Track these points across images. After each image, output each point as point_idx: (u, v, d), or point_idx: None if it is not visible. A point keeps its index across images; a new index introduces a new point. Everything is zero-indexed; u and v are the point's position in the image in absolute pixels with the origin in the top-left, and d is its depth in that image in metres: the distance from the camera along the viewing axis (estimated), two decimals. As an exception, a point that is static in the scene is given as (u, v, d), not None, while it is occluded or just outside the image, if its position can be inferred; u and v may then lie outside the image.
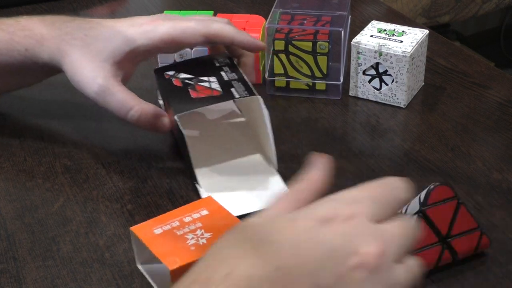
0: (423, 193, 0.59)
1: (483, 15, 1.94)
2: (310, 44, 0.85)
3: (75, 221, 0.68)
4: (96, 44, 0.73)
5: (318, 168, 0.50)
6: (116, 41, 0.73)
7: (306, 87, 0.88)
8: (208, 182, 0.70)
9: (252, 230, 0.45)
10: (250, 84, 0.72)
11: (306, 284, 0.43)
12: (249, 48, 0.77)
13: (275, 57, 0.86)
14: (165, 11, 0.94)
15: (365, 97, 0.87)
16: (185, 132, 0.69)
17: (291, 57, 0.86)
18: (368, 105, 0.86)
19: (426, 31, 0.86)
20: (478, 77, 0.91)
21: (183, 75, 0.75)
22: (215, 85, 0.72)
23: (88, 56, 0.73)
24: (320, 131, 0.81)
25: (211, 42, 0.76)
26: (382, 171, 0.74)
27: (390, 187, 0.48)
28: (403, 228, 0.47)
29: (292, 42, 0.85)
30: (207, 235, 0.55)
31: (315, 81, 0.87)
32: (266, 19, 0.88)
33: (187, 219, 0.57)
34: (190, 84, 0.74)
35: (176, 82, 0.74)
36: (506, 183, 0.72)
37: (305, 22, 0.88)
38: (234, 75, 0.74)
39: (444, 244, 0.60)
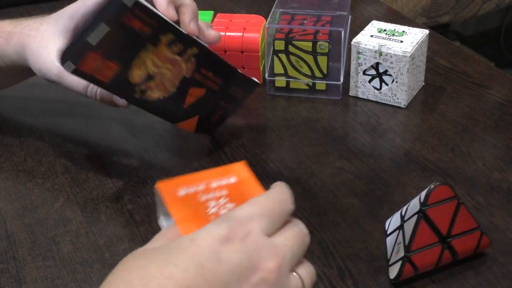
0: (423, 193, 0.59)
1: (483, 15, 1.94)
2: (310, 44, 0.85)
3: (75, 221, 0.68)
4: (49, 29, 0.74)
5: None
6: (62, 20, 0.74)
7: (306, 87, 0.88)
8: None
9: (149, 256, 0.46)
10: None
11: None
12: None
13: (275, 57, 0.86)
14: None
15: (365, 97, 0.87)
16: None
17: (291, 57, 0.86)
18: (368, 105, 0.86)
19: (426, 31, 0.86)
20: (478, 77, 0.91)
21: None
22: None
23: (43, 43, 0.74)
24: (320, 131, 0.81)
25: None
26: (382, 171, 0.74)
27: (278, 200, 0.49)
28: (295, 239, 0.49)
29: (292, 42, 0.85)
30: (230, 205, 0.53)
31: (315, 81, 0.87)
32: (266, 19, 0.88)
33: (213, 185, 0.53)
34: None
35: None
36: (506, 183, 0.72)
37: (305, 22, 0.88)
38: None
39: (444, 244, 0.60)
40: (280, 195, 0.50)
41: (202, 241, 0.46)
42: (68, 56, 0.65)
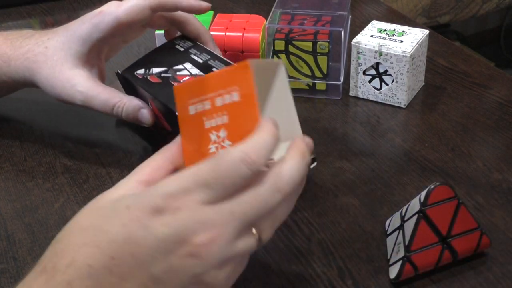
0: (423, 193, 0.59)
1: (483, 15, 1.94)
2: (310, 44, 0.85)
3: (75, 221, 0.68)
4: (58, 54, 0.74)
5: (175, 141, 0.54)
6: (74, 45, 0.74)
7: (306, 87, 0.88)
8: None
9: (94, 214, 0.48)
10: (226, 59, 0.72)
11: (140, 274, 0.46)
12: (193, 10, 0.76)
13: (275, 57, 0.86)
14: (165, 11, 0.93)
15: (365, 97, 0.87)
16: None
17: (291, 57, 0.86)
18: (368, 105, 0.86)
19: (426, 31, 0.86)
20: (478, 77, 0.91)
21: (156, 70, 0.75)
22: (195, 70, 0.72)
23: (57, 68, 0.74)
24: (320, 131, 0.81)
25: (158, 12, 0.76)
26: (382, 171, 0.74)
27: (226, 169, 0.47)
28: (249, 203, 0.48)
29: (292, 42, 0.85)
30: (227, 143, 0.52)
31: (315, 81, 0.87)
32: (266, 19, 0.88)
33: (218, 103, 0.52)
34: (168, 77, 0.73)
35: (153, 79, 0.74)
36: (506, 183, 0.72)
37: (305, 22, 0.88)
38: (206, 55, 0.74)
39: (444, 244, 0.60)
40: (229, 163, 0.47)
41: (136, 211, 0.46)
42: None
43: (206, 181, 0.47)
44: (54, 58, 0.74)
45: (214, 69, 0.71)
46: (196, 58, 0.74)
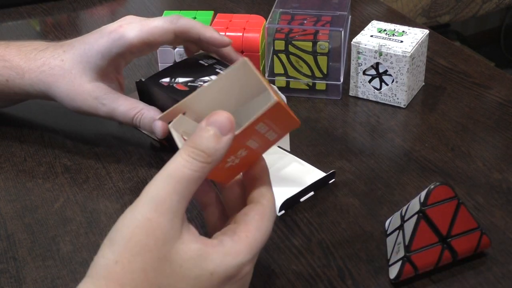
0: (423, 193, 0.59)
1: (483, 15, 1.94)
2: (310, 44, 0.85)
3: (75, 221, 0.68)
4: (77, 67, 0.73)
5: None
6: (92, 59, 0.73)
7: (306, 87, 0.88)
8: None
9: (175, 279, 0.48)
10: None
11: None
12: (215, 44, 0.75)
13: (275, 57, 0.86)
14: (165, 12, 0.93)
15: (365, 97, 0.87)
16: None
17: (291, 57, 0.86)
18: (368, 105, 0.86)
19: (426, 31, 0.86)
20: (478, 77, 0.91)
21: (182, 79, 0.75)
22: None
23: (75, 81, 0.73)
24: (320, 131, 0.81)
25: (180, 38, 0.75)
26: (382, 171, 0.74)
27: (271, 222, 0.53)
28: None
29: (292, 42, 0.85)
30: (240, 154, 0.53)
31: (315, 81, 0.87)
32: (266, 19, 0.88)
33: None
34: (196, 86, 0.73)
35: (179, 87, 0.74)
36: (506, 183, 0.72)
37: (305, 22, 0.88)
38: (211, 60, 0.74)
39: (444, 244, 0.60)
40: (269, 229, 0.53)
41: (218, 279, 0.49)
42: None
43: (264, 242, 0.52)
44: (72, 72, 0.73)
45: None
46: (220, 72, 0.74)
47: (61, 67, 0.74)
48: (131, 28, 0.73)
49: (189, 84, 0.74)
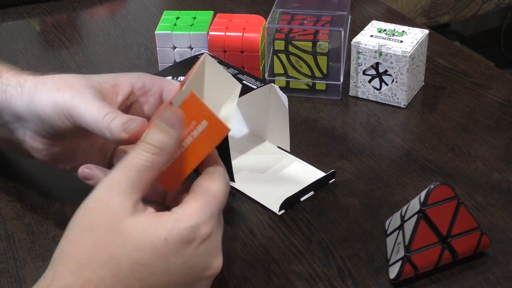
0: (423, 193, 0.59)
1: (483, 15, 1.94)
2: (310, 44, 0.85)
3: (75, 221, 0.68)
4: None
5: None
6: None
7: (306, 87, 0.88)
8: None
9: (128, 245, 0.48)
10: (253, 75, 0.73)
11: None
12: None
13: (275, 57, 0.86)
14: (165, 11, 0.94)
15: (365, 97, 0.87)
16: None
17: (291, 57, 0.86)
18: (368, 105, 0.86)
19: (426, 31, 0.86)
20: (478, 77, 0.91)
21: (183, 79, 0.75)
22: None
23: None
24: (320, 131, 0.81)
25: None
26: (382, 171, 0.74)
27: (228, 185, 0.54)
28: (220, 222, 0.54)
29: (292, 42, 0.85)
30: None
31: (315, 81, 0.87)
32: (266, 19, 0.88)
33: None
34: None
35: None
36: (506, 183, 0.72)
37: (305, 22, 0.88)
38: (233, 70, 0.74)
39: (444, 244, 0.60)
40: (226, 187, 0.54)
41: (173, 244, 0.49)
42: None
43: (221, 204, 0.53)
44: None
45: (244, 82, 0.71)
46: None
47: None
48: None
49: None
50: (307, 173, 0.73)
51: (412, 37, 0.84)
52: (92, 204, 0.50)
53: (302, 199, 0.70)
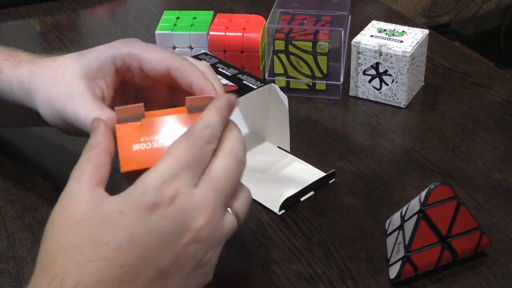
0: (423, 193, 0.59)
1: (483, 15, 1.94)
2: (310, 44, 0.85)
3: (75, 221, 0.68)
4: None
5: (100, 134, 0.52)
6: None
7: (306, 87, 0.88)
8: None
9: (80, 229, 0.46)
10: (254, 75, 0.73)
11: (149, 272, 0.46)
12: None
13: (275, 57, 0.86)
14: (165, 11, 0.94)
15: (365, 97, 0.87)
16: None
17: (291, 57, 0.86)
18: (368, 105, 0.86)
19: (426, 31, 0.86)
20: (478, 77, 0.91)
21: None
22: (225, 81, 0.72)
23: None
24: (320, 131, 0.81)
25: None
26: (382, 171, 0.74)
27: (196, 145, 0.49)
28: (225, 175, 0.49)
29: (292, 42, 0.85)
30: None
31: (315, 81, 0.87)
32: (266, 19, 0.88)
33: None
34: None
35: None
36: (506, 183, 0.72)
37: (305, 22, 0.88)
38: (233, 70, 0.74)
39: (444, 244, 0.60)
40: (199, 140, 0.49)
41: (131, 214, 0.46)
42: None
43: (188, 163, 0.48)
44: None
45: (244, 82, 0.71)
46: (224, 71, 0.74)
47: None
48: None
49: None
50: (307, 173, 0.73)
51: (412, 37, 0.84)
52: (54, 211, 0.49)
53: (302, 199, 0.70)
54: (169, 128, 0.53)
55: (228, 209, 0.51)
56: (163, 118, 0.53)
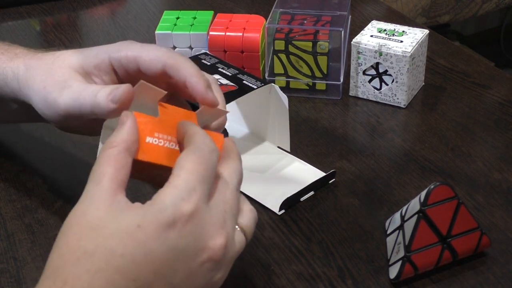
0: (423, 193, 0.59)
1: (483, 15, 1.94)
2: (310, 44, 0.85)
3: (75, 221, 0.68)
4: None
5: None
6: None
7: (306, 87, 0.88)
8: None
9: (96, 236, 0.46)
10: (254, 75, 0.73)
11: (160, 287, 0.46)
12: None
13: (275, 57, 0.86)
14: (165, 11, 0.94)
15: (365, 97, 0.87)
16: None
17: (291, 57, 0.86)
18: (368, 105, 0.86)
19: (426, 31, 0.86)
20: (478, 77, 0.91)
21: None
22: (225, 81, 0.72)
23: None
24: (320, 131, 0.81)
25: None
26: (382, 171, 0.74)
27: (205, 152, 0.49)
28: (230, 198, 0.50)
29: (292, 42, 0.85)
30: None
31: (315, 81, 0.87)
32: (266, 19, 0.88)
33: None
34: None
35: None
36: (506, 183, 0.72)
37: (305, 22, 0.88)
38: (233, 70, 0.74)
39: (444, 244, 0.60)
40: (201, 150, 0.49)
41: (149, 229, 0.46)
42: None
43: (203, 176, 0.48)
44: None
45: (244, 82, 0.71)
46: (224, 71, 0.74)
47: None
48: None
49: None
50: (307, 173, 0.73)
51: (412, 37, 0.84)
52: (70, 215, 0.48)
53: (302, 199, 0.70)
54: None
55: (236, 226, 0.51)
56: (181, 123, 0.53)
